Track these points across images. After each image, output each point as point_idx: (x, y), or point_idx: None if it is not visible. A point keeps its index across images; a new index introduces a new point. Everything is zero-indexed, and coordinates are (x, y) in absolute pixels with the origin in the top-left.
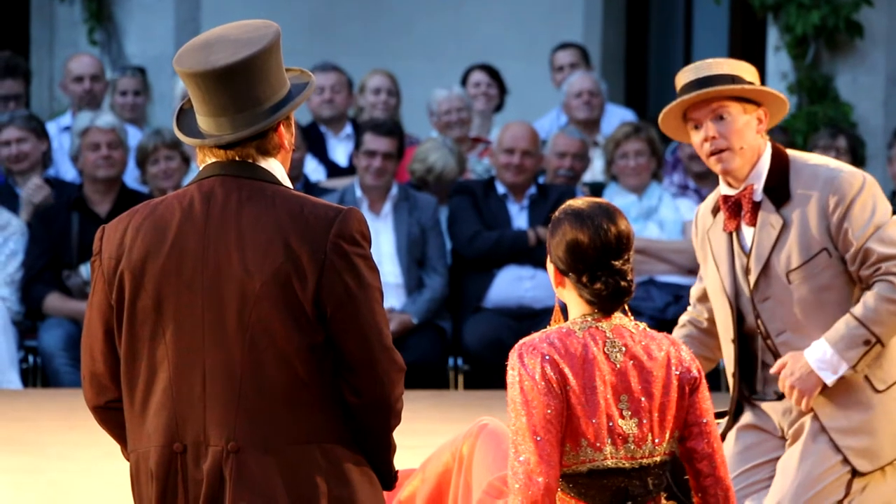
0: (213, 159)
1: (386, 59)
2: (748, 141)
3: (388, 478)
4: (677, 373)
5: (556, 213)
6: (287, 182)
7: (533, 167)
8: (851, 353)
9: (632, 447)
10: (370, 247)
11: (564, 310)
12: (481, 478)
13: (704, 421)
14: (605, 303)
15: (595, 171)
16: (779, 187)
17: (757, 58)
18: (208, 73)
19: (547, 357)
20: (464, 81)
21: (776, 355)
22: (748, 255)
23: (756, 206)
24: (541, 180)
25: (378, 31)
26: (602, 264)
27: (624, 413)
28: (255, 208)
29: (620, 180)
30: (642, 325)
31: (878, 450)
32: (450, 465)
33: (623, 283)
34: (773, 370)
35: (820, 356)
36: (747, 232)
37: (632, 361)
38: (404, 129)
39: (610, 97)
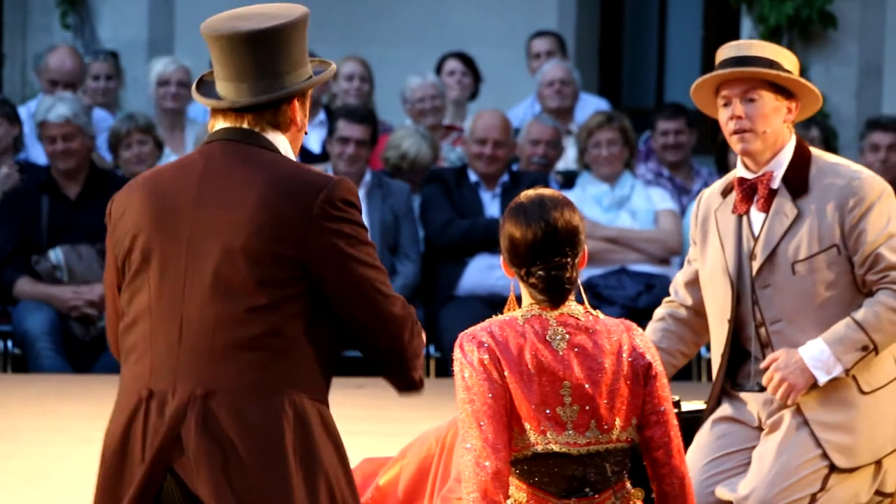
0: (224, 125)
1: (361, 46)
2: (773, 127)
3: (411, 388)
4: (630, 359)
5: (511, 204)
6: (291, 157)
7: (505, 157)
8: (848, 356)
9: (572, 433)
10: (359, 210)
11: (520, 298)
12: (457, 465)
13: (662, 409)
14: (542, 295)
15: (568, 159)
16: (798, 178)
17: None
18: (234, 36)
19: (484, 344)
20: (438, 69)
21: (765, 346)
22: (756, 240)
23: (771, 194)
24: (514, 168)
25: (354, 16)
26: (536, 260)
27: (564, 400)
28: (249, 169)
29: (593, 169)
30: (596, 312)
31: (856, 449)
32: (433, 450)
33: (559, 280)
34: (763, 364)
35: (816, 354)
36: (757, 217)
37: (576, 349)
38: (378, 116)
39: (583, 86)
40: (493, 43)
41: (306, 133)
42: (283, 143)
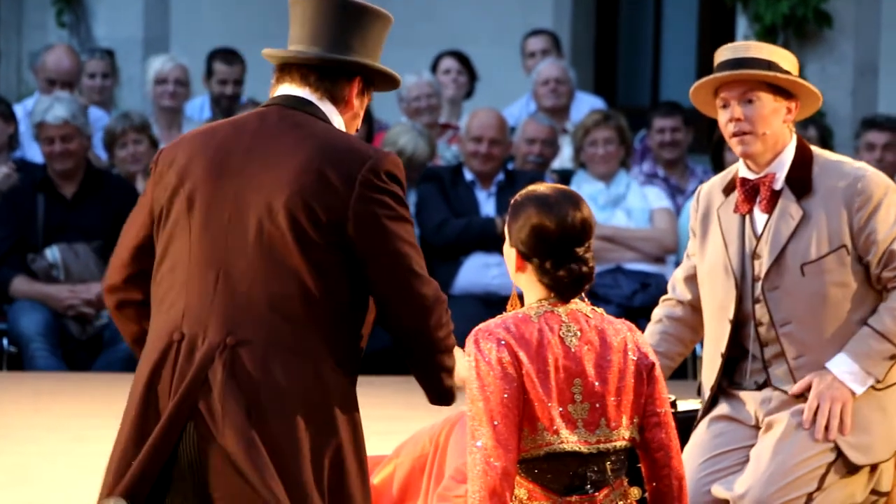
0: (286, 89)
1: None
2: (773, 128)
3: (440, 396)
4: (634, 358)
5: (518, 198)
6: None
7: (501, 155)
8: (878, 368)
9: (583, 431)
10: (404, 190)
11: (521, 296)
12: (452, 463)
13: (663, 411)
14: (565, 289)
15: (563, 158)
16: (801, 179)
17: None
18: None
19: (502, 342)
20: (434, 68)
21: (764, 345)
22: (758, 240)
23: (774, 195)
24: (510, 166)
25: None
26: (566, 251)
27: (576, 397)
28: (300, 133)
29: (589, 168)
30: (599, 310)
31: (872, 445)
32: (426, 450)
33: (585, 270)
34: (794, 390)
35: (847, 368)
36: (759, 217)
37: (587, 346)
38: (373, 114)
39: (579, 85)
40: (489, 41)
41: (357, 129)
42: (338, 120)
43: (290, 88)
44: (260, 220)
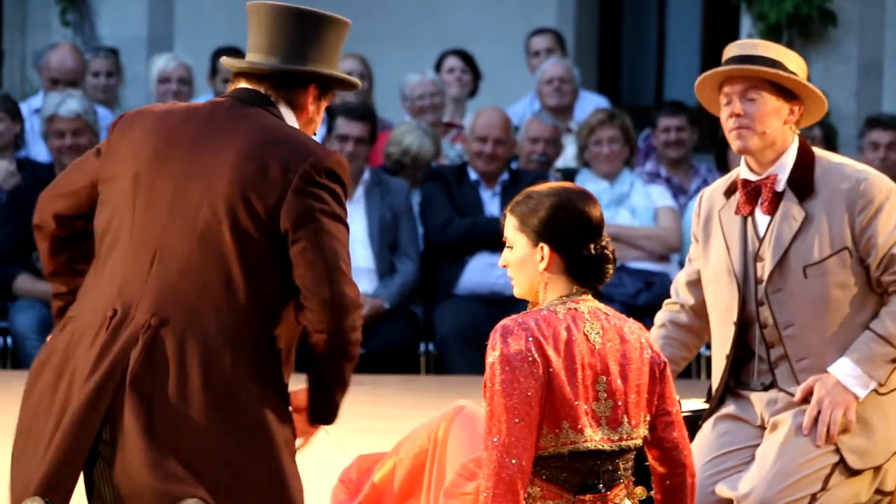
0: (243, 86)
1: (359, 43)
2: (772, 127)
3: (327, 412)
4: (647, 356)
5: (527, 196)
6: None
7: (505, 154)
8: (880, 371)
9: (606, 429)
10: (344, 190)
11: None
12: (455, 460)
13: (674, 410)
14: (596, 274)
15: (567, 157)
16: (803, 180)
17: None
18: (276, 8)
19: (531, 338)
20: (438, 67)
21: (770, 346)
22: (761, 242)
23: (776, 197)
24: (513, 166)
25: (352, 13)
26: (597, 234)
27: (600, 395)
28: (249, 124)
29: (593, 167)
30: (612, 309)
31: (871, 450)
32: (425, 446)
33: (613, 251)
34: (797, 397)
35: (850, 372)
36: (762, 219)
37: (609, 343)
38: (377, 113)
39: (583, 84)
40: (493, 40)
41: (315, 134)
42: (291, 119)
43: (248, 86)
44: (198, 204)
